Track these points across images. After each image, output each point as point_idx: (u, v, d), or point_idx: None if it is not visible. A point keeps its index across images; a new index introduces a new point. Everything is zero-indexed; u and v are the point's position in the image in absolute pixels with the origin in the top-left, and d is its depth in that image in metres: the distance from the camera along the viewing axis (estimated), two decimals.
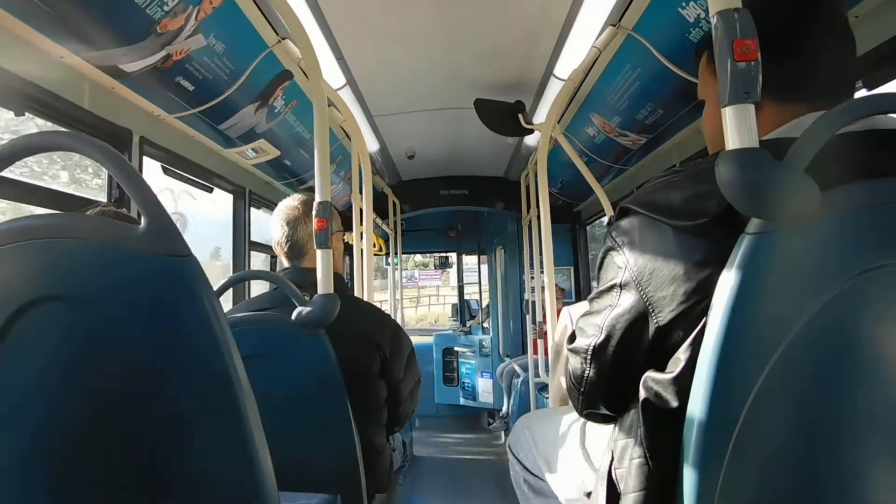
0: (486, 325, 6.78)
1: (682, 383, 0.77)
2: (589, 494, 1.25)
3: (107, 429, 0.77)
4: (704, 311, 0.75)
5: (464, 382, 6.46)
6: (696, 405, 0.72)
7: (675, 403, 0.78)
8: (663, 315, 0.81)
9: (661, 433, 0.81)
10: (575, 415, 1.15)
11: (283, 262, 1.80)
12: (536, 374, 4.01)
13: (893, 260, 0.70)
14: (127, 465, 0.77)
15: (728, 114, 0.69)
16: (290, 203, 1.81)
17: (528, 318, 4.64)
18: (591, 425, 1.41)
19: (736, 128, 0.69)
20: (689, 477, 0.72)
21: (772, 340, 0.69)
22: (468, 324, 7.14)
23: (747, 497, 0.71)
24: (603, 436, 1.28)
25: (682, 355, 0.78)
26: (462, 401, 6.46)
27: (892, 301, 0.71)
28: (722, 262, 0.72)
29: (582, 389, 0.96)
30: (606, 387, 0.93)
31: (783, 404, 0.70)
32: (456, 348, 6.57)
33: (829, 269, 0.70)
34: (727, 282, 0.70)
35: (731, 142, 0.69)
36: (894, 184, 0.71)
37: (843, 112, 0.69)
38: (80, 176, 2.32)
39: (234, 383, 0.75)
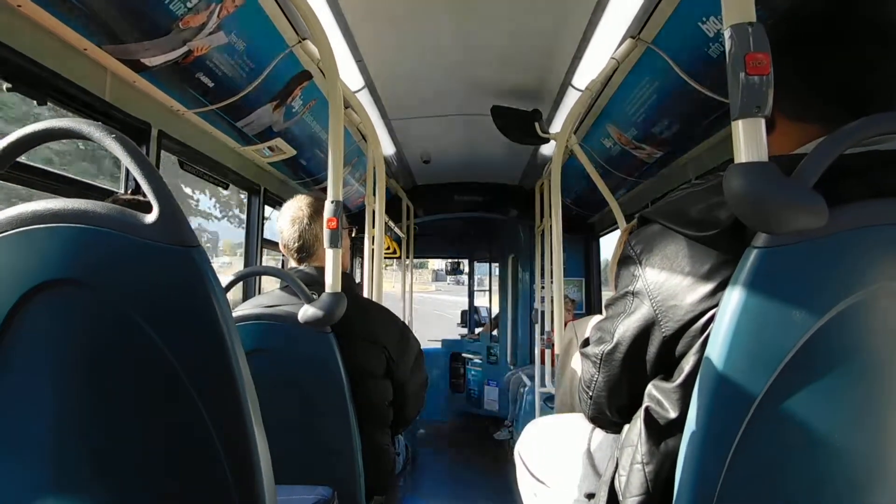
0: (494, 332, 6.77)
1: (684, 393, 0.77)
2: (590, 496, 1.25)
3: (108, 413, 0.78)
4: (710, 322, 0.75)
5: (470, 389, 6.45)
6: (696, 415, 0.72)
7: (675, 413, 0.79)
8: (670, 325, 0.81)
9: (661, 441, 0.81)
10: (583, 421, 1.15)
11: (292, 263, 1.81)
12: (543, 384, 3.99)
13: None
14: (126, 449, 0.78)
15: (738, 127, 0.69)
16: (297, 204, 1.81)
17: (537, 327, 4.63)
18: (597, 431, 1.42)
19: (745, 141, 0.68)
20: (686, 486, 0.72)
21: (775, 354, 0.69)
22: (477, 331, 7.12)
23: None
24: (609, 442, 1.29)
25: (685, 365, 0.79)
26: (468, 407, 6.45)
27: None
28: (730, 273, 0.72)
29: (591, 395, 0.97)
30: (614, 393, 0.94)
31: (784, 419, 0.70)
32: (464, 354, 6.57)
33: (835, 286, 0.69)
34: (732, 294, 0.70)
35: (740, 155, 0.69)
36: None
37: (853, 130, 0.68)
38: None
39: (235, 375, 0.76)
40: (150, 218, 0.75)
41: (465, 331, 7.69)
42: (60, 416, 0.78)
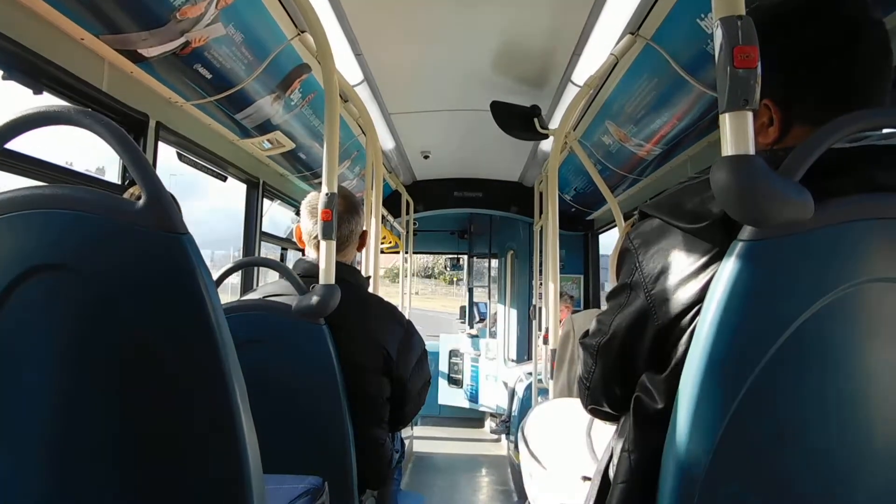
0: (493, 329, 6.78)
1: (671, 383, 0.78)
2: (587, 479, 1.28)
3: (97, 399, 0.78)
4: (698, 315, 0.76)
5: (468, 385, 6.47)
6: (682, 405, 0.72)
7: (661, 403, 0.80)
8: (663, 318, 0.82)
9: (648, 431, 0.82)
10: None
11: (311, 253, 1.78)
12: (540, 380, 4.00)
13: (885, 275, 0.70)
14: (114, 436, 0.78)
15: (725, 120, 0.69)
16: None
17: (535, 323, 4.63)
18: (597, 420, 1.44)
19: (733, 135, 0.68)
20: (669, 474, 0.73)
21: (759, 347, 0.69)
22: (476, 327, 7.14)
23: (729, 496, 0.71)
24: (607, 428, 1.31)
25: (673, 357, 0.80)
26: (465, 403, 6.47)
27: (880, 314, 0.70)
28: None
29: (587, 385, 0.99)
30: (609, 385, 0.95)
31: (767, 412, 0.70)
32: (462, 350, 6.58)
33: (820, 280, 0.69)
34: (717, 286, 0.71)
35: (727, 148, 0.69)
36: (891, 198, 0.71)
37: (840, 125, 0.69)
38: None
39: (223, 362, 0.76)
40: (139, 204, 0.75)
41: (465, 326, 7.70)
42: (49, 401, 0.79)
